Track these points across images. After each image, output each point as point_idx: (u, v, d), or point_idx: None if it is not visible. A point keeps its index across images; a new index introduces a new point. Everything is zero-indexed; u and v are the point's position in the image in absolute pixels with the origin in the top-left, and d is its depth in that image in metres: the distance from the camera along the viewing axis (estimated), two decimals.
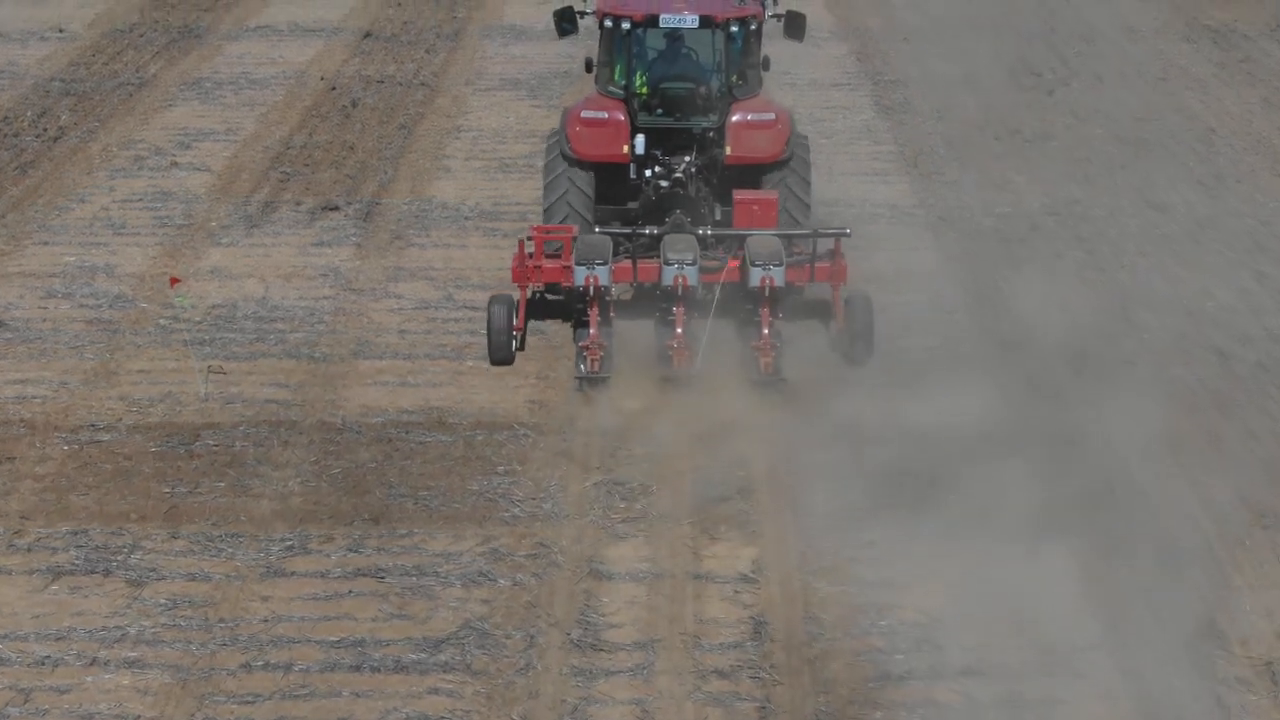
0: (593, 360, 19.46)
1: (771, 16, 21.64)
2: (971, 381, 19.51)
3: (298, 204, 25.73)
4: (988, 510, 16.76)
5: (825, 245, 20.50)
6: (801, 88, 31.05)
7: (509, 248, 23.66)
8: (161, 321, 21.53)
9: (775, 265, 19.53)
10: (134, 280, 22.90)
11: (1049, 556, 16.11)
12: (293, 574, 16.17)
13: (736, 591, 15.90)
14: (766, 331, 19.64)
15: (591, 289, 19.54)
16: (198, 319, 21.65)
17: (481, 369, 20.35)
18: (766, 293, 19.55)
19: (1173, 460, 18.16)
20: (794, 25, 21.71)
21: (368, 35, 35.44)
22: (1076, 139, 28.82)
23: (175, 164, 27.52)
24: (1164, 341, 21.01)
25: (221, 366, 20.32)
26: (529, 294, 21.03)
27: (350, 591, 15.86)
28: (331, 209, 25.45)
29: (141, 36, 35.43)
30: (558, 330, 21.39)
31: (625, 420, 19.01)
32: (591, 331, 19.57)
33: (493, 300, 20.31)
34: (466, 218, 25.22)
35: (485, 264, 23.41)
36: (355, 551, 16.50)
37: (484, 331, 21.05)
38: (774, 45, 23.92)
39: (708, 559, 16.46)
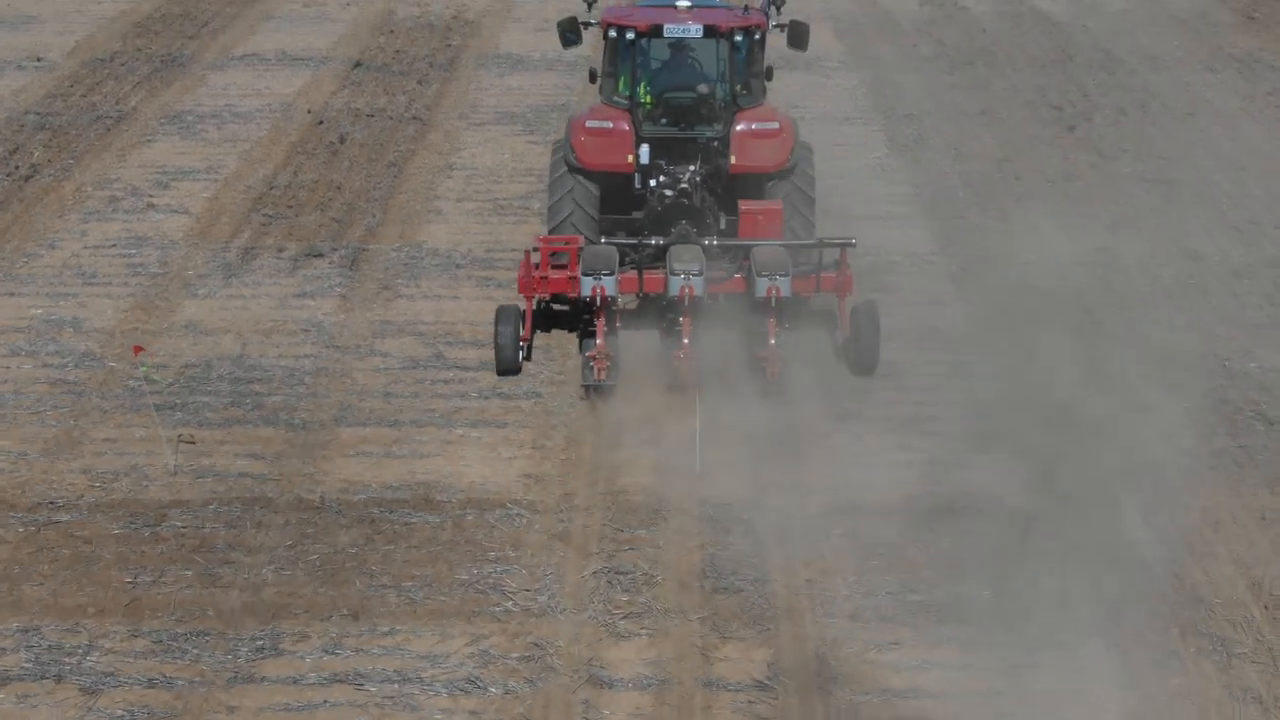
0: (599, 369, 19.42)
1: (775, 26, 21.63)
2: (1003, 461, 18.10)
3: (280, 250, 24.29)
4: (1027, 607, 15.36)
5: (831, 255, 20.50)
6: (811, 122, 29.45)
7: (504, 299, 22.38)
8: (130, 383, 20.06)
9: (781, 276, 19.50)
10: (103, 336, 21.45)
11: (1096, 661, 14.68)
12: (263, 680, 14.69)
13: (750, 701, 14.44)
14: (773, 342, 19.51)
15: (598, 299, 19.45)
16: (169, 380, 20.21)
17: (472, 438, 18.90)
18: (773, 303, 19.51)
19: (1224, 550, 16.73)
20: (797, 35, 21.58)
21: (358, 65, 34.03)
22: (1102, 179, 27.39)
23: (152, 205, 26.10)
24: (1205, 408, 19.59)
25: (192, 435, 18.87)
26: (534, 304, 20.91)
27: (325, 701, 14.39)
28: (315, 256, 24.02)
29: (123, 66, 34.02)
30: (554, 392, 19.95)
31: (625, 496, 17.64)
32: (598, 342, 19.54)
33: (499, 311, 20.21)
34: (458, 265, 23.78)
35: (478, 317, 21.97)
36: (332, 653, 15.04)
37: (475, 395, 19.87)
38: (784, 79, 22.94)
39: (718, 662, 14.99)
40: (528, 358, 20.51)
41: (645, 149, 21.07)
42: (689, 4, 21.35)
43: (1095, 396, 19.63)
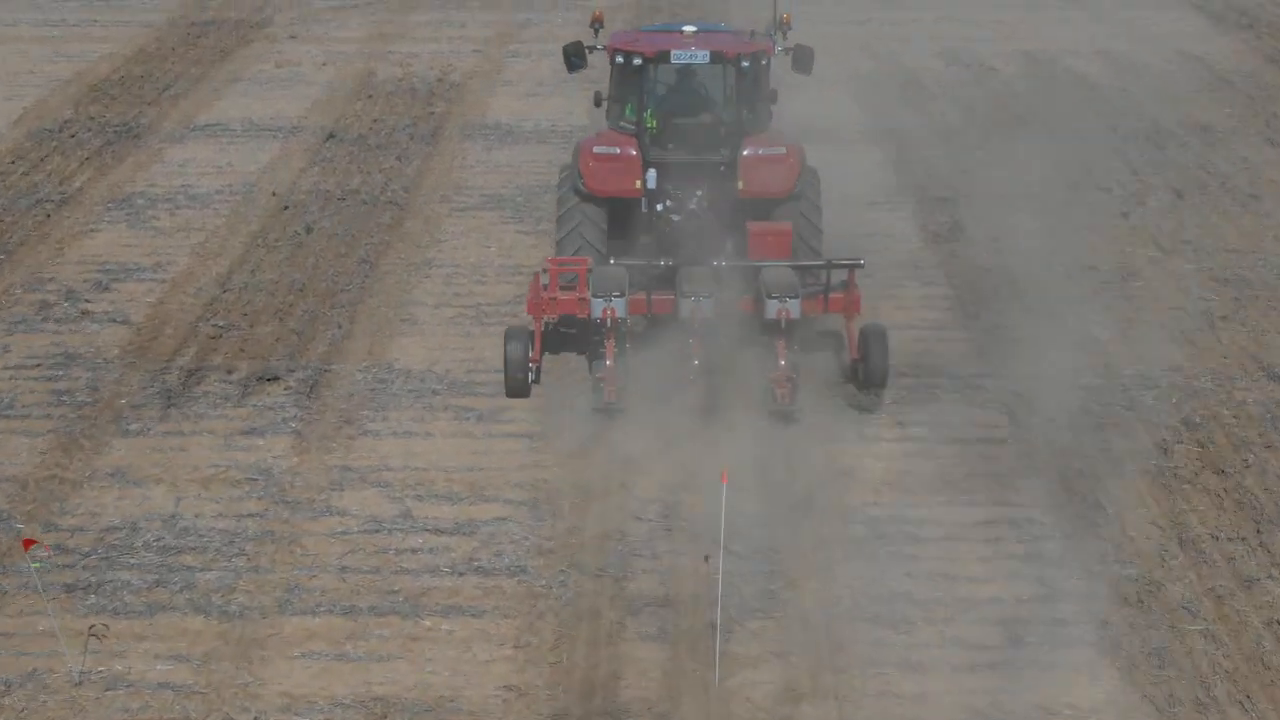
0: (609, 391, 19.15)
1: (780, 51, 21.61)
2: (1086, 660, 14.98)
3: (229, 372, 21.10)
4: None
5: (839, 276, 20.39)
6: (834, 205, 25.60)
7: (484, 438, 19.37)
8: (42, 553, 16.80)
9: (791, 297, 19.37)
10: (14, 488, 18.27)
11: None
12: None
13: None
14: (783, 363, 19.36)
15: (609, 321, 19.28)
16: (85, 549, 17.03)
17: (441, 632, 15.69)
18: (783, 325, 19.36)
19: None
20: (802, 59, 21.64)
21: (331, 136, 30.84)
22: (1163, 277, 24.24)
23: (87, 313, 22.93)
24: None
25: (106, 628, 15.68)
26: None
27: None
28: (269, 380, 20.84)
29: (72, 137, 30.87)
30: (541, 566, 16.77)
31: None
32: (608, 363, 19.35)
33: (509, 333, 20.09)
34: (434, 391, 20.61)
35: (454, 462, 18.81)
36: None
37: (448, 569, 16.75)
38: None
39: None
40: (536, 380, 20.17)
41: (652, 174, 21.01)
42: (694, 30, 21.58)
43: (1187, 574, 16.54)
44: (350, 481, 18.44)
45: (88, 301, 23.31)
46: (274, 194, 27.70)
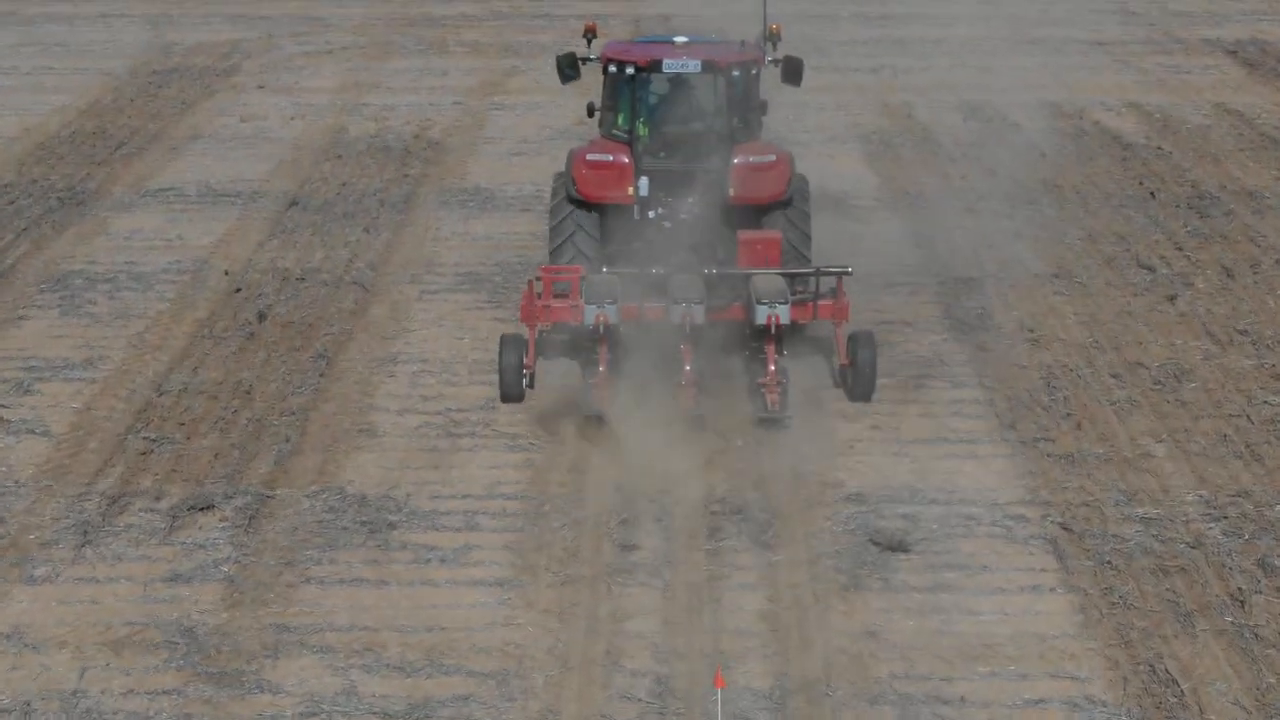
0: (599, 398, 19.46)
1: (770, 61, 21.90)
2: None
3: (156, 499, 18.35)
4: None
5: (828, 283, 20.78)
6: (848, 289, 23.08)
7: (447, 586, 16.73)
8: None
9: (781, 303, 19.65)
10: None
11: None
12: None
13: None
14: (773, 369, 19.63)
15: (602, 328, 19.46)
16: None
17: None
18: (772, 330, 19.61)
19: None
20: (791, 70, 21.94)
21: (293, 204, 28.14)
22: (1221, 377, 21.49)
23: (3, 421, 20.22)
24: None
25: None
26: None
27: None
28: (202, 509, 18.08)
29: (10, 205, 28.22)
30: (510, 716, 14.05)
31: None
32: (601, 369, 19.62)
33: (504, 339, 20.46)
34: (391, 524, 17.84)
35: (410, 620, 16.04)
36: None
37: None
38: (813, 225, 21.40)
39: None
40: (530, 386, 20.37)
41: (644, 181, 21.37)
42: (686, 40, 21.95)
43: None
44: (287, 646, 15.65)
45: (4, 407, 20.59)
46: (226, 273, 25.00)
